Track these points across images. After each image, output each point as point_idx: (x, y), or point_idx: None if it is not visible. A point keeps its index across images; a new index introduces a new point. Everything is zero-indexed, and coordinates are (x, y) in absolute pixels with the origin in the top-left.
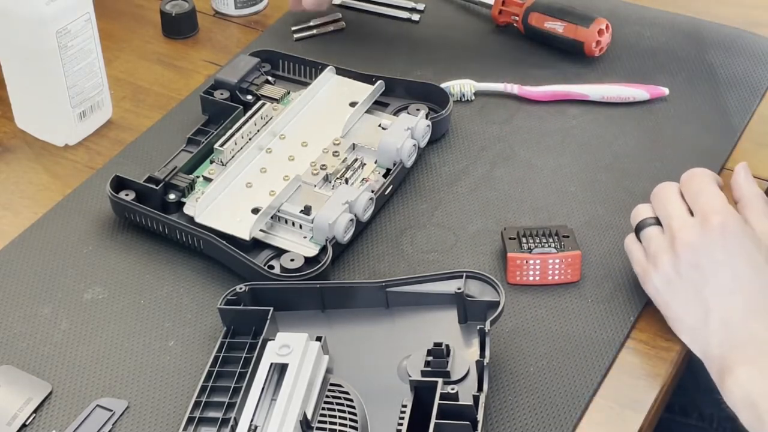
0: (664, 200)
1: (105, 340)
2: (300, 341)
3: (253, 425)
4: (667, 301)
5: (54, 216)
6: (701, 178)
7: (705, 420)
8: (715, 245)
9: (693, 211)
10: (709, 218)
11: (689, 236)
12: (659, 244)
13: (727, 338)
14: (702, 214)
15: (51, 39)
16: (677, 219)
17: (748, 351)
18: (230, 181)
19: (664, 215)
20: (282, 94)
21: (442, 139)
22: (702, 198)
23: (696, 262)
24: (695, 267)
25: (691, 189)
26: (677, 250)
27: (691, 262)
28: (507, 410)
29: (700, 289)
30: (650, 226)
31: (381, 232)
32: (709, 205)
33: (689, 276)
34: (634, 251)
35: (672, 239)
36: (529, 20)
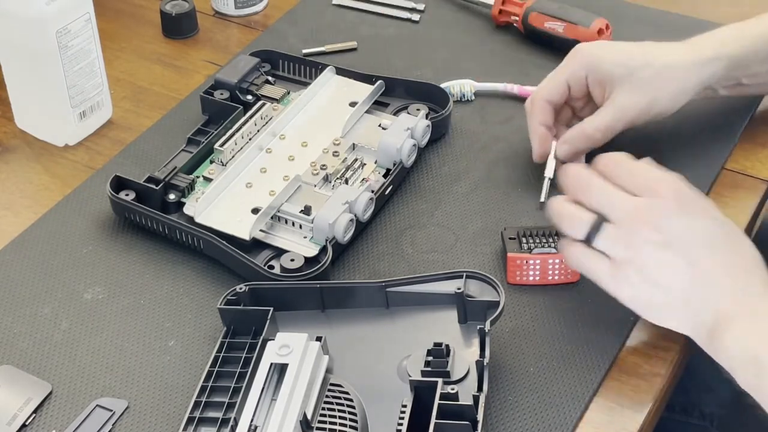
0: (596, 191)
1: (105, 340)
2: (300, 341)
3: (253, 425)
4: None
5: (54, 216)
6: (622, 158)
7: (706, 419)
8: (677, 215)
9: (635, 191)
10: (658, 190)
11: (648, 217)
12: (622, 239)
13: (716, 297)
14: (648, 190)
15: (51, 39)
16: (626, 205)
17: (740, 305)
18: (230, 181)
19: (608, 205)
20: (282, 94)
21: (442, 139)
22: (637, 174)
23: (665, 238)
24: (666, 244)
25: (618, 170)
26: (643, 234)
27: (661, 241)
28: (507, 410)
29: (676, 262)
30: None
31: (381, 232)
32: (649, 178)
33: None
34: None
35: (632, 227)
36: (529, 20)
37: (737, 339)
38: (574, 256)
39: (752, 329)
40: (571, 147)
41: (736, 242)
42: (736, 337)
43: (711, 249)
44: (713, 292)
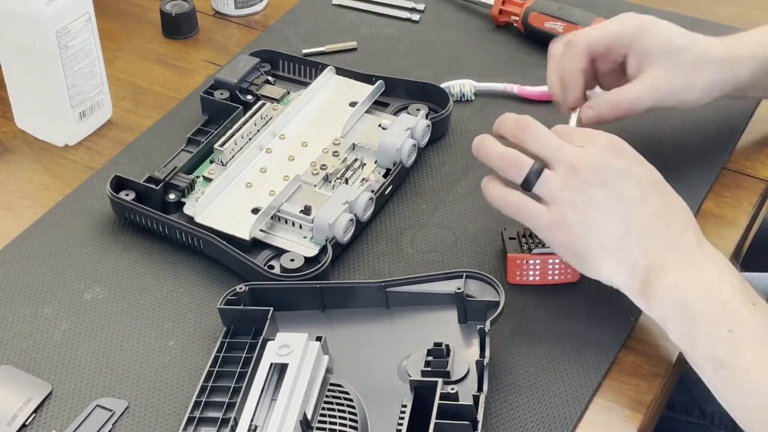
0: (543, 139)
1: (105, 340)
2: (300, 341)
3: (253, 425)
4: (583, 237)
5: (54, 216)
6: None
7: (706, 418)
8: (613, 160)
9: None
10: (595, 139)
11: (587, 160)
12: (560, 182)
13: (651, 245)
14: (586, 140)
15: (51, 39)
16: (567, 149)
17: (674, 255)
18: (230, 181)
19: (550, 151)
20: (282, 94)
21: (442, 139)
22: (576, 132)
23: (602, 181)
24: (603, 186)
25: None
26: (581, 177)
27: (597, 183)
28: (507, 410)
29: (614, 203)
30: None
31: (381, 232)
32: (589, 133)
33: (600, 196)
34: (530, 206)
35: (571, 170)
36: (529, 20)
37: (670, 289)
38: (511, 199)
39: (685, 279)
40: (595, 113)
41: (669, 193)
42: (668, 287)
43: (645, 197)
44: (648, 242)
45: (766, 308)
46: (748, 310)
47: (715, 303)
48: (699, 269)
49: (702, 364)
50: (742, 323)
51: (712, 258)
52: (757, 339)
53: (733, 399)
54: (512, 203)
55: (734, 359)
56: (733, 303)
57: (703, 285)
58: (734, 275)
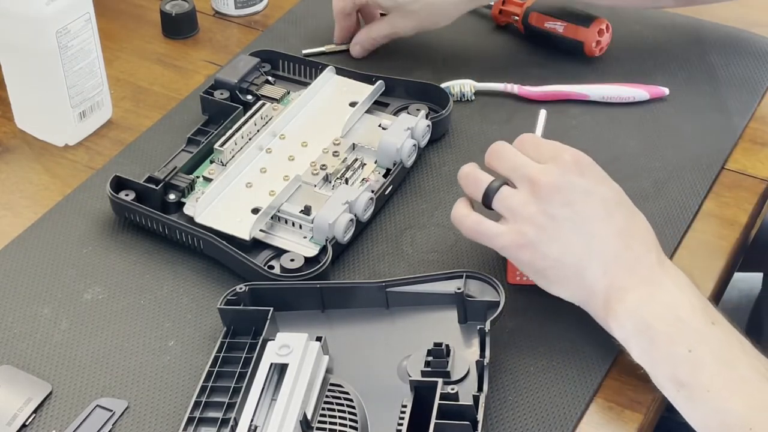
0: (507, 157)
1: (105, 340)
2: (300, 341)
3: (253, 425)
4: (544, 254)
5: (54, 216)
6: (532, 137)
7: None
8: (577, 178)
9: (540, 160)
10: (561, 156)
11: (549, 177)
12: (520, 199)
13: (612, 265)
14: (551, 157)
15: (51, 39)
16: (530, 167)
17: (634, 275)
18: (230, 181)
19: (513, 169)
20: (282, 94)
21: (442, 139)
22: (543, 147)
23: (564, 199)
24: (565, 204)
25: (527, 146)
26: (542, 194)
27: (560, 201)
28: (507, 410)
29: (576, 223)
30: (502, 187)
31: (381, 232)
32: (554, 149)
33: (561, 214)
34: (491, 227)
35: (533, 186)
36: (529, 20)
37: (630, 310)
38: (474, 223)
39: (645, 300)
40: (360, 48)
41: (631, 213)
42: (629, 308)
43: (607, 216)
44: (609, 262)
45: (726, 327)
46: (708, 328)
47: (675, 323)
48: (659, 289)
49: (664, 383)
50: (701, 342)
51: (672, 277)
52: (717, 358)
53: (696, 417)
54: (471, 224)
55: (694, 379)
56: (692, 322)
57: (663, 305)
58: (694, 294)
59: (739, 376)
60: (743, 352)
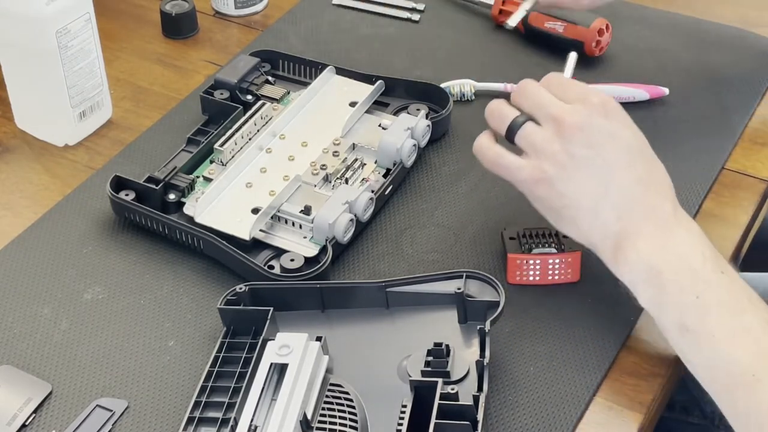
0: (533, 95)
1: (105, 340)
2: (300, 341)
3: (253, 425)
4: (561, 192)
5: (54, 216)
6: (559, 77)
7: (707, 418)
8: (603, 121)
9: (566, 101)
10: (589, 99)
11: (575, 117)
12: (544, 136)
13: (628, 210)
14: (578, 99)
15: (51, 39)
16: (556, 106)
17: (649, 222)
18: (230, 181)
19: (539, 106)
20: (282, 94)
21: (442, 139)
22: (570, 87)
23: (587, 140)
24: (587, 145)
25: (554, 85)
26: (566, 133)
27: (582, 141)
28: (507, 410)
29: (596, 165)
30: (526, 123)
31: (381, 232)
32: (582, 91)
33: (583, 155)
34: (511, 160)
35: (557, 125)
36: (529, 20)
37: (641, 254)
38: (495, 155)
39: (657, 246)
40: None
41: (652, 161)
42: (640, 252)
43: (628, 163)
44: (625, 207)
45: (735, 276)
46: (717, 277)
47: (685, 271)
48: (671, 237)
49: (669, 327)
50: (710, 290)
51: (685, 227)
52: (724, 305)
53: (699, 363)
54: (492, 156)
55: (701, 324)
56: (702, 271)
57: (674, 253)
58: (705, 244)
59: (745, 324)
60: (750, 302)
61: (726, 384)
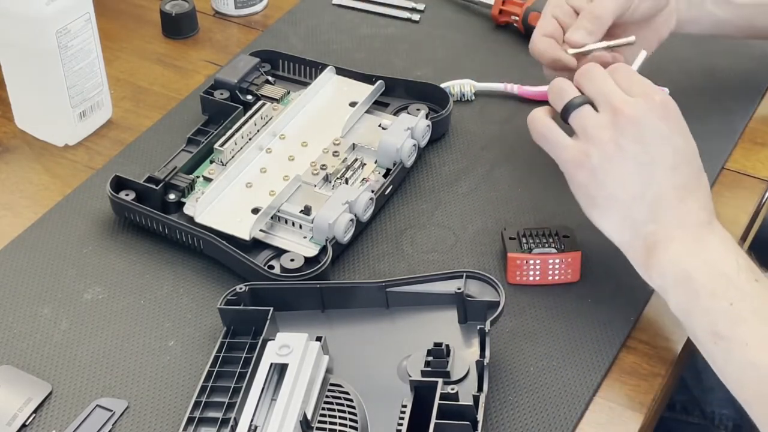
0: (597, 80)
1: (105, 340)
2: (300, 341)
3: (253, 425)
4: (600, 182)
5: (54, 216)
6: (627, 68)
7: (707, 418)
8: (658, 121)
9: (630, 93)
10: (652, 96)
11: (633, 110)
12: (598, 121)
13: (662, 213)
14: (643, 94)
15: (51, 39)
16: (617, 95)
17: (682, 228)
18: (230, 181)
19: (600, 92)
20: (282, 94)
21: (442, 139)
22: (636, 80)
23: (640, 135)
24: (638, 141)
25: (619, 75)
26: (620, 124)
27: (634, 136)
28: (507, 410)
29: (641, 162)
30: (583, 105)
31: (381, 232)
32: (647, 86)
33: (631, 150)
34: (558, 135)
35: (614, 114)
36: (529, 20)
37: (673, 260)
38: (542, 125)
39: (690, 251)
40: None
41: (697, 171)
42: (672, 256)
43: (673, 168)
44: (661, 210)
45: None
46: (751, 285)
47: (718, 277)
48: (705, 244)
49: (700, 336)
50: (743, 297)
51: (720, 237)
52: (758, 313)
53: (731, 371)
54: (541, 127)
55: (733, 332)
56: (736, 278)
57: (708, 259)
58: (740, 252)
59: None
60: None
61: (758, 393)
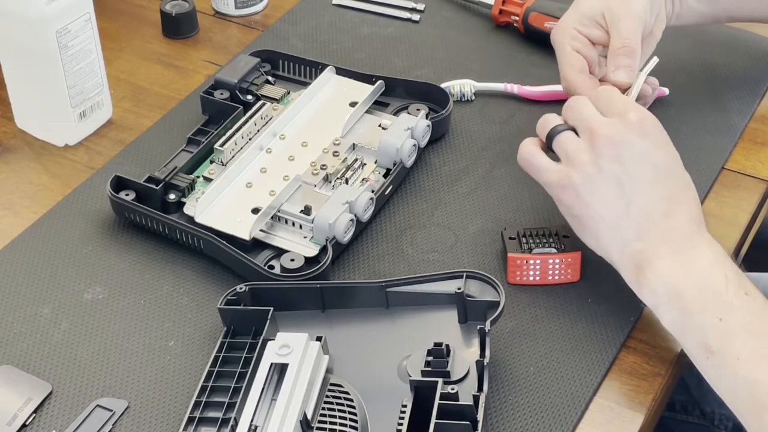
0: (578, 107)
1: (105, 340)
2: (300, 341)
3: (253, 425)
4: (585, 202)
5: (54, 216)
6: (609, 91)
7: (706, 418)
8: (636, 138)
9: (608, 115)
10: (627, 115)
11: (609, 131)
12: (577, 145)
13: (648, 230)
14: (618, 114)
15: (51, 39)
16: (594, 118)
17: (669, 244)
18: (230, 181)
19: (579, 119)
20: (282, 94)
21: (442, 139)
22: (614, 101)
23: (617, 155)
24: (616, 160)
25: (601, 97)
26: (598, 145)
27: (612, 157)
28: (507, 410)
29: (622, 182)
30: (564, 131)
31: (381, 232)
32: (624, 105)
33: (610, 170)
34: (542, 161)
35: (591, 137)
36: (529, 20)
37: (662, 277)
38: (528, 152)
39: (678, 267)
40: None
41: (681, 182)
42: (660, 273)
43: (654, 182)
44: (646, 227)
45: (759, 297)
46: (740, 299)
47: (707, 292)
48: (692, 259)
49: (693, 350)
50: (733, 312)
51: (708, 248)
52: (748, 327)
53: (724, 385)
54: (525, 153)
55: (725, 347)
56: (725, 292)
57: (696, 275)
58: (729, 265)
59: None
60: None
61: (751, 407)
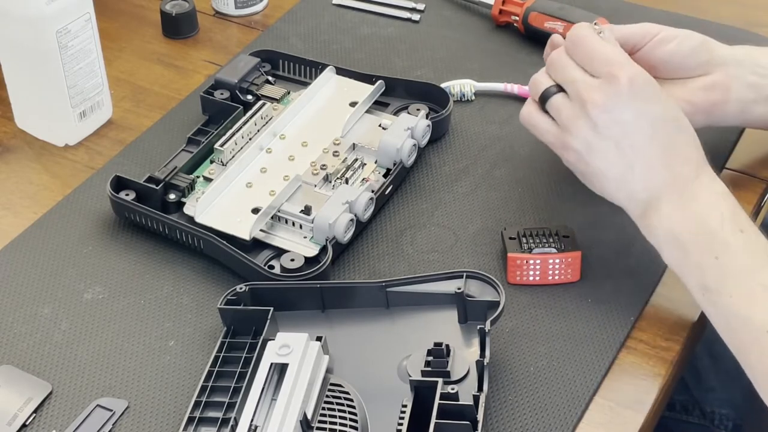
0: (561, 67)
1: (105, 340)
2: (300, 341)
3: (253, 425)
4: (588, 162)
5: (54, 216)
6: (585, 39)
7: (706, 418)
8: (627, 99)
9: (594, 73)
10: (615, 74)
11: (599, 98)
12: (570, 112)
13: (652, 181)
14: (605, 74)
15: (51, 39)
16: (581, 83)
17: (671, 189)
18: (230, 181)
19: (566, 82)
20: (282, 94)
21: (442, 139)
22: (597, 58)
23: (612, 119)
24: (612, 125)
25: (580, 54)
26: (591, 113)
27: (608, 122)
28: (507, 410)
29: (621, 142)
30: (555, 95)
31: (381, 232)
32: (608, 62)
33: (608, 134)
34: (540, 122)
35: (582, 104)
36: (529, 20)
37: (662, 221)
38: (527, 113)
39: (677, 211)
40: None
41: (677, 129)
42: (661, 219)
43: (652, 137)
44: (649, 177)
45: (755, 234)
46: (735, 236)
47: (704, 233)
48: (691, 201)
49: (692, 289)
50: (728, 250)
51: (707, 189)
52: (741, 265)
53: (720, 322)
54: (526, 113)
55: (720, 285)
56: (720, 232)
57: (693, 217)
58: (725, 204)
59: (763, 282)
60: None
61: (744, 342)
